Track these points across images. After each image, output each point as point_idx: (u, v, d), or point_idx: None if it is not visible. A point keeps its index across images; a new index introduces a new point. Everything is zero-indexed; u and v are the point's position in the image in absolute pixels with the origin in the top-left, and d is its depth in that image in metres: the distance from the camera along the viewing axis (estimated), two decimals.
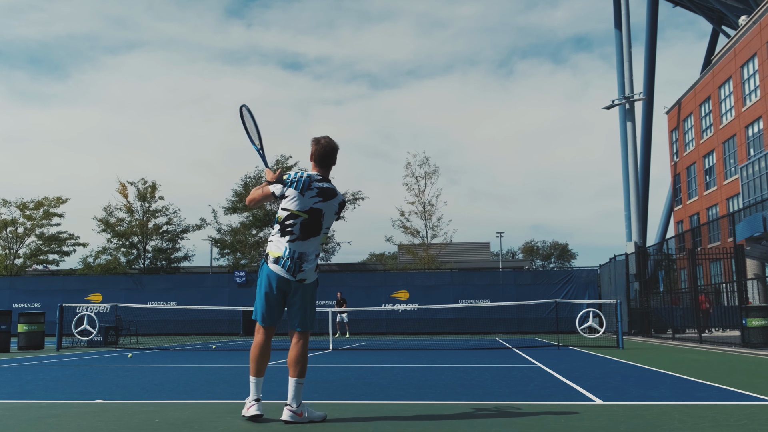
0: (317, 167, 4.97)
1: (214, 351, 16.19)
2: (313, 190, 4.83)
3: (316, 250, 4.87)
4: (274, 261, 4.77)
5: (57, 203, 44.29)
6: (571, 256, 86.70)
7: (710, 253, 31.04)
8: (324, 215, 4.85)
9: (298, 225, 4.79)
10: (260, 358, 4.83)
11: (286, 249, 4.77)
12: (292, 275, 4.76)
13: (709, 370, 9.38)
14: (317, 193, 4.84)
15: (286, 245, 4.78)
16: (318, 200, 4.83)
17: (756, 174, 33.27)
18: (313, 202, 4.81)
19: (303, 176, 4.87)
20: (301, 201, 4.79)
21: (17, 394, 6.96)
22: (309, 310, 4.90)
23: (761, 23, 35.34)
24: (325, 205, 4.85)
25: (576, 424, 4.69)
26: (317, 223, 4.83)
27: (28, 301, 33.36)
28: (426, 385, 7.49)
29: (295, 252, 4.77)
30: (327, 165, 4.96)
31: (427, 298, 31.16)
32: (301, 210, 4.78)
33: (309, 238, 4.82)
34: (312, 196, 4.82)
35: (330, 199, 4.88)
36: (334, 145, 4.95)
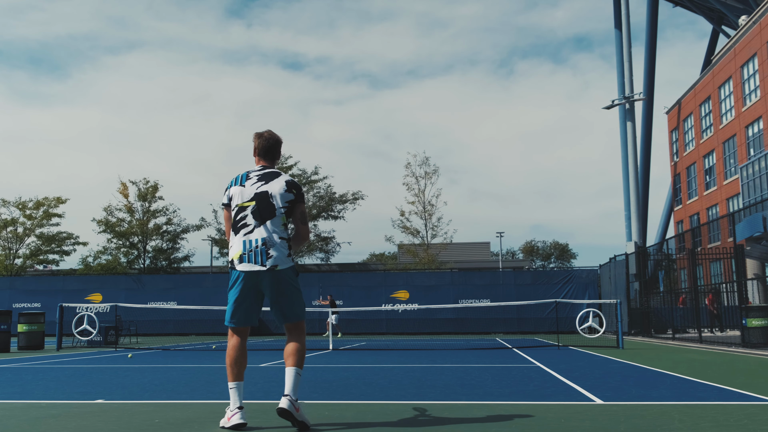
0: (261, 160, 4.82)
1: (214, 351, 16.18)
2: (252, 179, 4.69)
3: (279, 233, 4.59)
4: (238, 261, 4.55)
5: (57, 203, 44.31)
6: (571, 256, 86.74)
7: (710, 253, 31.03)
8: (272, 196, 4.62)
9: (249, 215, 4.60)
10: (238, 360, 4.56)
11: (244, 243, 4.56)
12: (261, 264, 4.52)
13: (709, 370, 9.38)
14: (257, 179, 4.68)
15: (243, 240, 4.57)
16: (261, 184, 4.65)
17: (756, 174, 33.26)
18: (256, 188, 4.64)
19: (240, 174, 4.76)
20: (243, 192, 4.64)
21: (17, 394, 6.96)
22: (294, 298, 4.64)
23: (761, 23, 35.34)
24: (269, 185, 4.65)
25: (576, 424, 4.69)
26: (269, 205, 4.60)
27: (28, 301, 33.36)
28: (426, 385, 7.49)
29: (257, 240, 4.54)
30: (272, 157, 4.82)
31: (427, 298, 31.16)
32: (247, 200, 4.62)
33: (265, 222, 4.58)
34: (253, 183, 4.66)
35: (273, 179, 4.68)
36: (277, 137, 4.83)
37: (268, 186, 4.65)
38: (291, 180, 4.74)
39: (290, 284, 4.61)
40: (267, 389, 7.18)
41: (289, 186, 4.69)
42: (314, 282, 32.64)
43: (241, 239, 4.58)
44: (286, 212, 4.66)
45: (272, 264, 4.53)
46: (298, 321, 4.67)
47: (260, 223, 4.58)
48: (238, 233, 4.61)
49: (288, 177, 4.76)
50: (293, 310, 4.65)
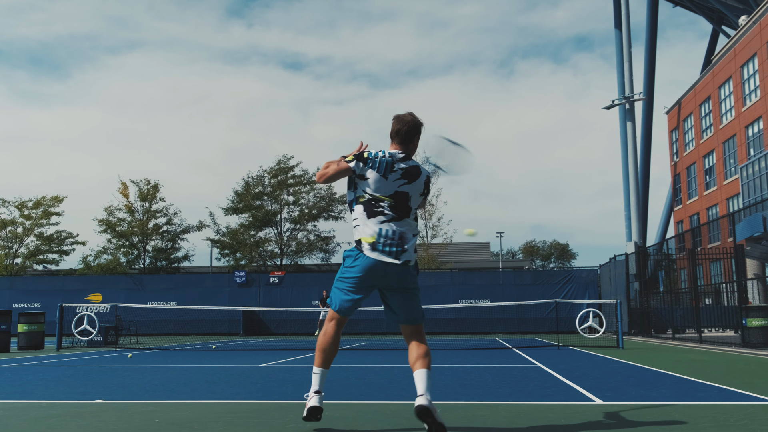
0: (399, 145, 4.50)
1: (214, 351, 16.18)
2: (397, 172, 4.36)
3: (412, 230, 4.38)
4: (370, 248, 4.24)
5: (55, 202, 44.31)
6: (571, 256, 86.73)
7: (710, 253, 31.04)
8: (411, 198, 4.39)
9: (386, 207, 4.32)
10: (330, 347, 4.36)
11: (381, 230, 4.26)
12: (396, 258, 4.24)
13: (709, 370, 9.38)
14: (401, 174, 4.37)
15: (379, 227, 4.27)
16: (403, 182, 4.36)
17: (756, 174, 33.27)
18: (397, 186, 4.35)
19: (385, 156, 4.39)
20: (383, 185, 4.33)
21: (17, 394, 6.96)
22: (417, 299, 4.41)
23: (761, 23, 35.34)
24: (410, 187, 4.38)
25: (576, 424, 4.69)
26: (404, 206, 4.37)
27: (28, 301, 33.36)
28: None
29: (395, 232, 4.27)
30: (411, 143, 4.52)
31: (427, 298, 31.09)
32: (385, 195, 4.33)
33: (402, 219, 4.35)
34: (396, 178, 4.35)
35: (415, 179, 4.41)
36: (418, 122, 4.54)
37: (409, 187, 4.39)
38: (428, 178, 4.51)
39: (416, 282, 4.43)
40: (267, 389, 7.18)
41: (425, 186, 4.50)
42: (314, 282, 32.63)
43: (377, 225, 4.28)
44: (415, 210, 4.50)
45: (406, 258, 4.29)
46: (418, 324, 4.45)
47: (398, 218, 4.34)
48: (373, 217, 4.30)
49: (426, 173, 4.50)
50: (420, 310, 4.45)
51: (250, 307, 29.79)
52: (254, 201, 43.30)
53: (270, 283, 32.74)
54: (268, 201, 43.87)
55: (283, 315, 31.35)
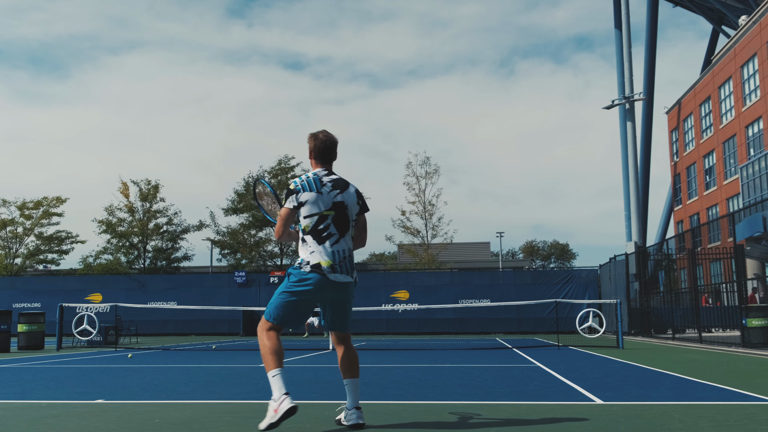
0: (318, 164, 4.68)
1: (214, 351, 16.19)
2: (327, 186, 4.56)
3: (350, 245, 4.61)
4: (330, 270, 4.42)
5: (56, 203, 44.32)
6: (571, 256, 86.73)
7: (710, 253, 31.04)
8: (348, 207, 4.58)
9: (331, 224, 4.50)
10: (279, 349, 4.39)
11: (334, 254, 4.47)
12: (350, 275, 4.50)
13: (709, 370, 9.38)
14: (332, 186, 4.56)
15: (332, 250, 4.47)
16: (337, 192, 4.55)
17: (756, 174, 33.26)
18: (333, 196, 4.53)
19: (310, 176, 4.58)
20: (322, 199, 4.50)
21: (17, 394, 6.96)
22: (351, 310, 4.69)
23: (761, 23, 35.34)
24: (344, 196, 4.58)
25: (576, 424, 4.69)
26: (345, 217, 4.56)
27: (28, 301, 33.37)
28: (426, 385, 7.49)
29: (345, 252, 4.51)
30: (329, 160, 4.69)
31: (427, 298, 31.16)
32: (327, 208, 4.51)
33: (345, 235, 4.55)
34: (329, 191, 4.54)
35: (346, 189, 4.62)
36: (333, 139, 4.67)
37: (343, 196, 4.58)
38: (357, 190, 4.72)
39: (353, 296, 4.64)
40: (267, 389, 7.18)
41: (358, 197, 4.68)
42: None
43: (330, 249, 4.46)
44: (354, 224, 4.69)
45: (355, 275, 4.57)
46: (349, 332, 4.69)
47: (342, 235, 4.53)
48: (323, 242, 4.47)
49: (354, 186, 4.72)
50: (350, 321, 4.68)
51: (250, 307, 29.79)
52: (254, 201, 43.30)
53: (270, 283, 32.74)
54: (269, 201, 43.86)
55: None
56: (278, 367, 4.33)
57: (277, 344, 4.42)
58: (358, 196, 4.68)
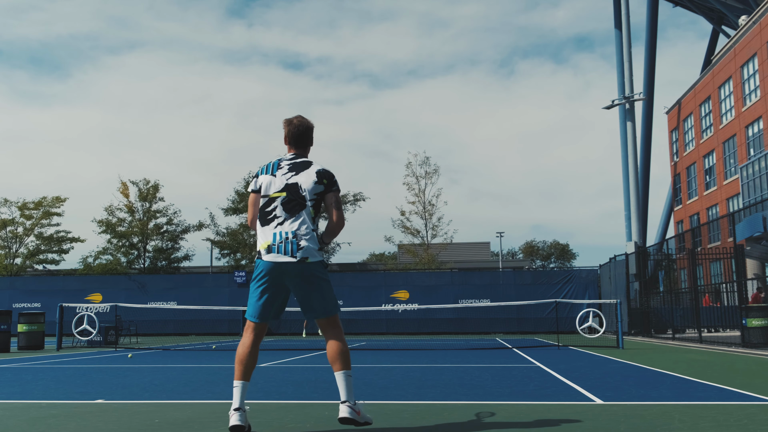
0: (292, 148, 4.63)
1: (214, 351, 16.19)
2: (284, 168, 4.51)
3: (309, 226, 4.41)
4: (266, 251, 4.35)
5: (56, 203, 44.32)
6: (571, 256, 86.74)
7: (710, 253, 31.04)
8: (302, 187, 4.44)
9: (279, 206, 4.42)
10: (249, 359, 4.35)
11: (275, 235, 4.38)
12: (292, 256, 4.32)
13: (709, 370, 9.38)
14: (289, 168, 4.51)
15: (273, 231, 4.39)
16: (291, 174, 4.48)
17: (756, 174, 33.27)
18: (286, 179, 4.46)
19: (271, 162, 4.59)
20: (273, 182, 4.47)
21: (17, 394, 6.96)
22: (325, 292, 4.43)
23: (761, 23, 35.34)
24: (300, 176, 4.48)
25: (576, 424, 4.69)
26: (299, 197, 4.43)
27: (28, 301, 33.37)
28: (426, 385, 7.49)
29: (287, 233, 4.37)
30: (303, 145, 4.63)
31: (427, 298, 31.16)
32: (277, 190, 4.45)
33: (296, 215, 4.41)
34: (284, 173, 4.49)
35: (303, 169, 4.50)
36: (307, 124, 4.62)
37: (298, 177, 4.48)
38: (322, 170, 4.53)
39: (320, 277, 4.40)
40: (267, 389, 7.18)
41: (319, 176, 4.49)
42: None
43: (271, 231, 4.39)
44: (315, 204, 4.47)
45: (303, 255, 4.33)
46: (330, 316, 4.47)
47: (290, 215, 4.40)
48: (267, 224, 4.43)
49: (320, 167, 4.55)
50: (324, 305, 4.44)
51: None
52: None
53: None
54: None
55: (283, 315, 31.25)
56: (240, 379, 4.30)
57: (246, 352, 4.35)
58: (320, 176, 4.48)
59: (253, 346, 4.40)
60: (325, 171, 4.53)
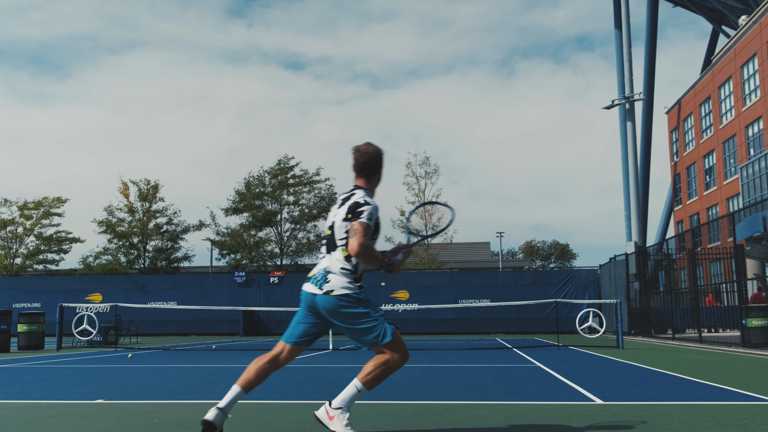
0: (356, 178, 4.55)
1: (214, 351, 16.19)
2: (338, 203, 4.49)
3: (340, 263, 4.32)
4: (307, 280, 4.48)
5: (57, 203, 44.33)
6: (571, 256, 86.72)
7: (710, 253, 31.04)
8: (333, 227, 4.40)
9: (324, 243, 4.49)
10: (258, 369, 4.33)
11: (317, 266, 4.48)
12: (319, 287, 4.32)
13: (709, 370, 9.38)
14: (339, 205, 4.46)
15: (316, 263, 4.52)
16: (336, 212, 4.45)
17: (756, 174, 33.27)
18: (332, 216, 4.46)
19: None
20: (328, 218, 4.53)
21: (17, 394, 6.96)
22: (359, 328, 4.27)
23: (761, 23, 35.34)
24: (334, 212, 4.45)
25: (576, 424, 4.69)
26: (331, 236, 4.41)
27: (28, 301, 33.36)
28: (426, 385, 7.49)
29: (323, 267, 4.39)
30: (367, 174, 4.51)
31: (427, 298, 31.15)
32: (327, 227, 4.50)
33: (330, 252, 4.40)
34: (335, 209, 4.48)
35: (341, 205, 4.43)
36: (371, 152, 4.53)
37: (335, 215, 4.43)
38: (355, 202, 4.32)
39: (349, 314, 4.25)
40: (267, 389, 7.19)
41: (349, 210, 4.32)
42: None
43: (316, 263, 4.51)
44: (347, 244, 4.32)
45: (328, 289, 4.29)
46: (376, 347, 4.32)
47: (328, 252, 4.42)
48: None
49: (356, 199, 4.34)
50: (361, 340, 4.34)
51: (250, 307, 29.78)
52: (255, 201, 43.30)
53: (270, 283, 32.74)
54: (269, 201, 43.87)
55: (283, 315, 31.33)
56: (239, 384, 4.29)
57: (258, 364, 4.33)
58: (349, 210, 4.32)
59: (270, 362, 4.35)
60: (355, 204, 4.32)
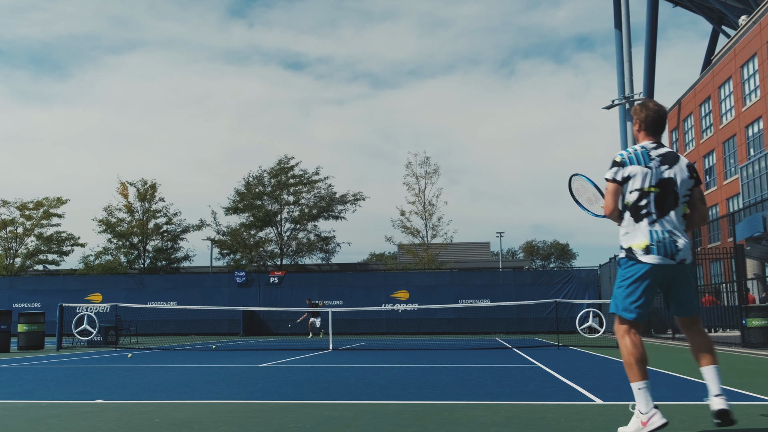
0: (648, 135, 4.37)
1: (214, 351, 16.19)
2: (655, 160, 4.25)
3: (681, 224, 4.22)
4: (644, 252, 4.14)
5: (57, 204, 44.34)
6: (571, 256, 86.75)
7: (710, 253, 31.04)
8: (677, 183, 4.21)
9: (652, 203, 4.20)
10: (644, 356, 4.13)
11: (651, 233, 4.17)
12: (671, 258, 4.12)
13: None
14: (661, 161, 4.25)
15: (648, 230, 4.18)
16: (665, 168, 4.23)
17: (756, 174, 33.27)
18: (660, 172, 4.22)
19: (637, 150, 4.33)
20: (648, 175, 4.23)
21: (17, 394, 6.96)
22: (694, 291, 4.31)
23: (761, 23, 35.35)
24: (673, 170, 4.23)
25: (576, 424, 4.69)
26: (671, 195, 4.20)
27: (28, 301, 33.35)
28: (426, 385, 7.49)
29: (664, 232, 4.16)
30: (658, 132, 4.39)
31: (427, 298, 31.15)
32: (651, 185, 4.21)
33: (668, 213, 4.19)
34: (657, 165, 4.24)
35: (676, 163, 4.26)
36: (665, 109, 4.41)
37: (672, 171, 4.24)
38: (690, 163, 4.33)
39: (692, 277, 4.29)
40: (267, 389, 7.19)
41: (690, 171, 4.29)
42: (314, 282, 32.66)
43: (646, 229, 4.18)
44: (688, 202, 4.30)
45: (682, 257, 4.16)
46: (696, 315, 4.34)
47: (663, 213, 4.19)
48: (640, 220, 4.21)
49: (686, 159, 4.33)
50: (694, 304, 4.32)
51: (250, 307, 29.78)
52: (255, 201, 43.31)
53: (270, 283, 32.74)
54: (269, 201, 43.87)
55: (283, 315, 31.35)
56: (644, 379, 4.08)
57: (642, 351, 4.15)
58: (690, 170, 4.29)
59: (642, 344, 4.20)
60: (692, 165, 4.37)
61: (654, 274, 4.16)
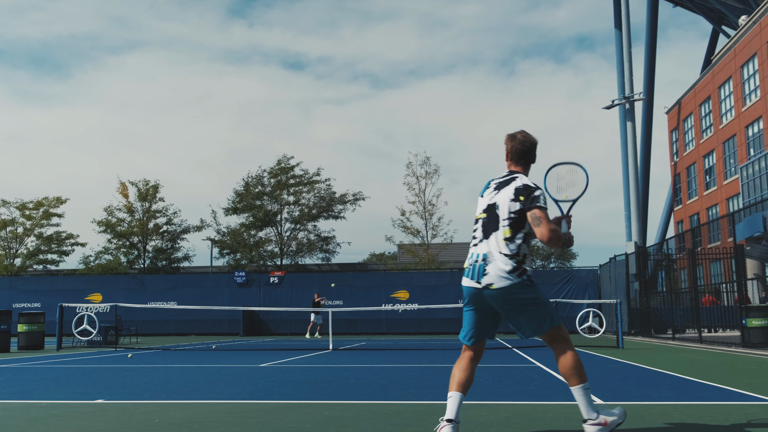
0: (512, 164, 4.47)
1: (214, 351, 16.19)
2: (491, 187, 4.40)
3: (500, 248, 4.18)
4: (465, 274, 4.28)
5: (57, 203, 44.34)
6: (571, 256, 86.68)
7: (710, 253, 31.05)
8: (498, 206, 4.27)
9: (479, 228, 4.32)
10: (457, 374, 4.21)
11: (470, 256, 4.29)
12: (477, 281, 4.17)
13: (709, 370, 9.38)
14: (495, 187, 4.37)
15: (470, 253, 4.31)
16: (493, 194, 4.35)
17: (756, 174, 33.27)
18: (489, 198, 4.36)
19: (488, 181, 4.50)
20: (480, 203, 4.41)
21: (17, 394, 6.96)
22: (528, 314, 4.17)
23: (761, 23, 35.34)
24: (500, 195, 4.31)
25: (576, 424, 4.69)
26: (494, 217, 4.27)
27: (28, 301, 33.35)
28: (426, 385, 7.49)
29: (477, 255, 4.24)
30: (523, 161, 4.44)
31: (427, 298, 31.16)
32: (480, 211, 4.38)
33: (489, 237, 4.24)
34: (490, 192, 4.38)
35: (504, 187, 4.33)
36: (531, 140, 4.45)
37: (499, 196, 4.32)
38: (521, 185, 4.25)
39: (517, 302, 4.14)
40: (267, 389, 7.19)
41: (516, 193, 4.24)
42: (314, 282, 32.66)
43: (470, 252, 4.33)
44: (512, 224, 4.20)
45: (488, 282, 4.13)
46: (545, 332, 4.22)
47: (486, 237, 4.26)
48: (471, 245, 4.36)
49: (521, 182, 4.28)
50: (528, 326, 4.22)
51: (250, 307, 29.78)
52: (254, 201, 43.30)
53: (270, 283, 32.74)
54: (269, 201, 43.87)
55: (283, 315, 31.35)
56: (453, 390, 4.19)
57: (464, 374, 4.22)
58: (518, 193, 4.23)
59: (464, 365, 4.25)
60: (524, 187, 4.25)
61: (469, 297, 4.25)
